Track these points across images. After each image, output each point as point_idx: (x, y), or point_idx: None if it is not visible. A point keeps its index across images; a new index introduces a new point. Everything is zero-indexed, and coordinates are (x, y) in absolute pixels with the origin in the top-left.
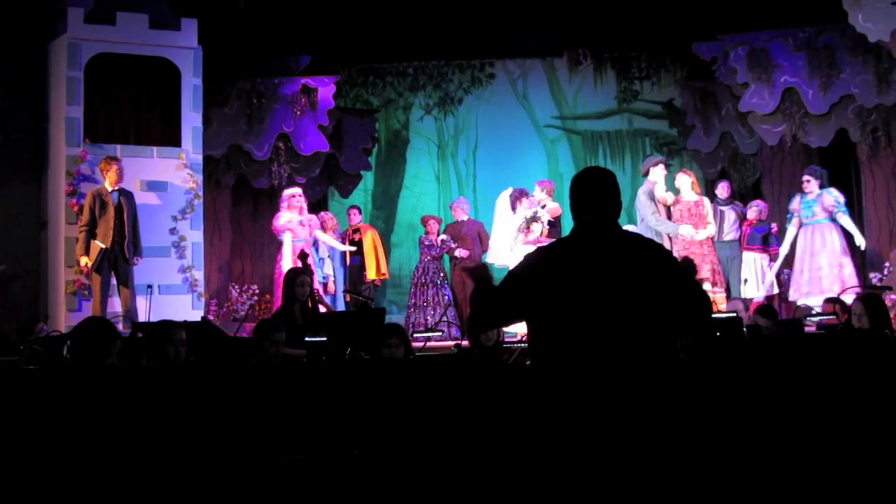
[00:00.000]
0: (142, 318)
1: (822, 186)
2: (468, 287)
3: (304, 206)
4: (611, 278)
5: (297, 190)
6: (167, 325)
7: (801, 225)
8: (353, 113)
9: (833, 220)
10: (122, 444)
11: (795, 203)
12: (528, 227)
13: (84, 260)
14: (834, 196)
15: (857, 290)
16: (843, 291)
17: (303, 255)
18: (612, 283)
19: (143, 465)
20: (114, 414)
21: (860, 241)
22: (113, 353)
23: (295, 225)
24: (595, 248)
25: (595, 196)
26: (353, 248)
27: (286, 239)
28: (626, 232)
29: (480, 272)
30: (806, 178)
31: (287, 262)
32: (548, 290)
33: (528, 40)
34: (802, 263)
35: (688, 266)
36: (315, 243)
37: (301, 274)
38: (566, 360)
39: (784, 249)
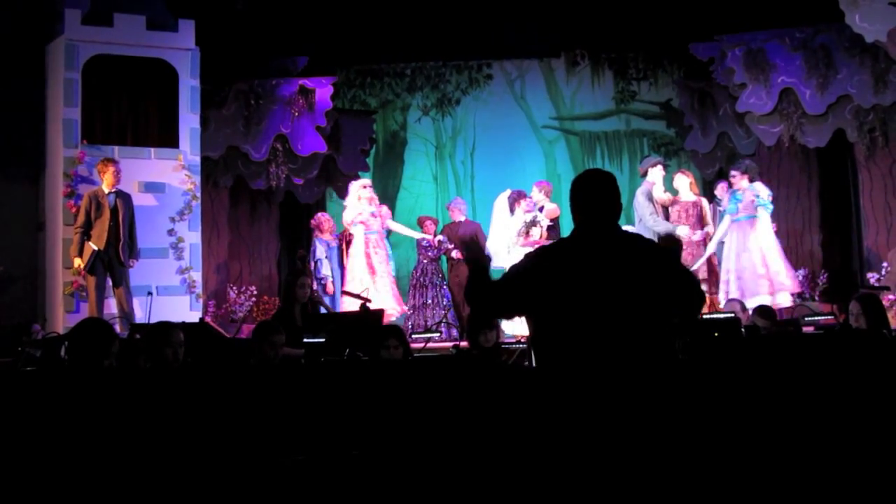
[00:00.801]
0: (141, 320)
1: (752, 181)
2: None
3: (375, 196)
4: (610, 278)
5: (367, 181)
6: (165, 327)
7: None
8: (351, 114)
9: (756, 216)
10: (121, 447)
11: (725, 199)
12: (527, 232)
13: (77, 261)
14: (755, 191)
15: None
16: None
17: (301, 257)
18: (611, 283)
19: (142, 468)
20: (112, 416)
21: (771, 239)
22: (111, 354)
23: (367, 217)
24: (595, 248)
25: (595, 198)
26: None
27: (357, 232)
28: (626, 232)
29: (478, 257)
30: (733, 173)
31: (359, 258)
32: (548, 289)
33: (525, 41)
34: (728, 263)
35: (672, 245)
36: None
37: (301, 275)
38: (567, 360)
39: (711, 248)
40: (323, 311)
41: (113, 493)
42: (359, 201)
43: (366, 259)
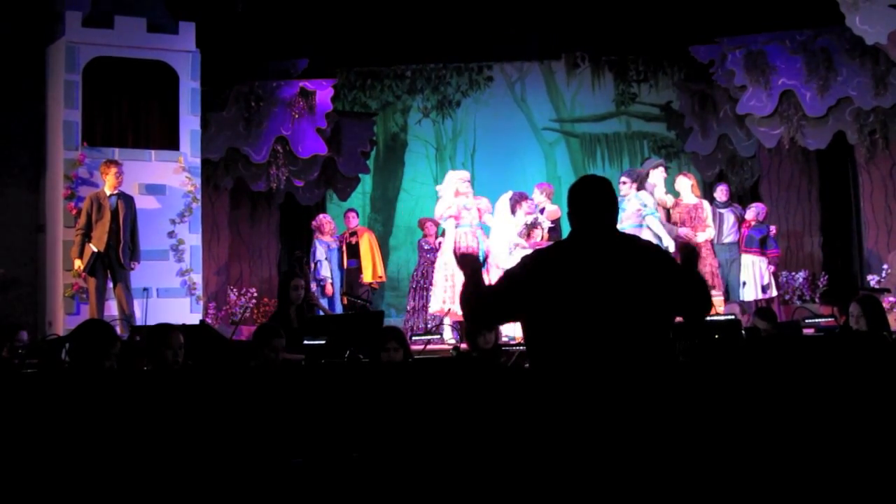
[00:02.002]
0: (139, 321)
1: (640, 188)
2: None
3: (471, 189)
4: (607, 280)
5: (465, 173)
6: (165, 329)
7: None
8: (351, 116)
9: (642, 225)
10: (121, 448)
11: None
12: (528, 234)
13: (77, 263)
14: (641, 200)
15: None
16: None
17: (298, 259)
18: (608, 285)
19: (142, 469)
20: (112, 417)
21: (666, 243)
22: (112, 355)
23: (458, 210)
24: (592, 250)
25: (591, 203)
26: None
27: (448, 227)
28: (624, 234)
29: (472, 262)
30: (622, 179)
31: (447, 253)
32: (544, 292)
33: (525, 43)
34: None
35: (689, 254)
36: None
37: (295, 277)
38: (563, 362)
39: None
40: (319, 312)
41: (114, 493)
42: (456, 196)
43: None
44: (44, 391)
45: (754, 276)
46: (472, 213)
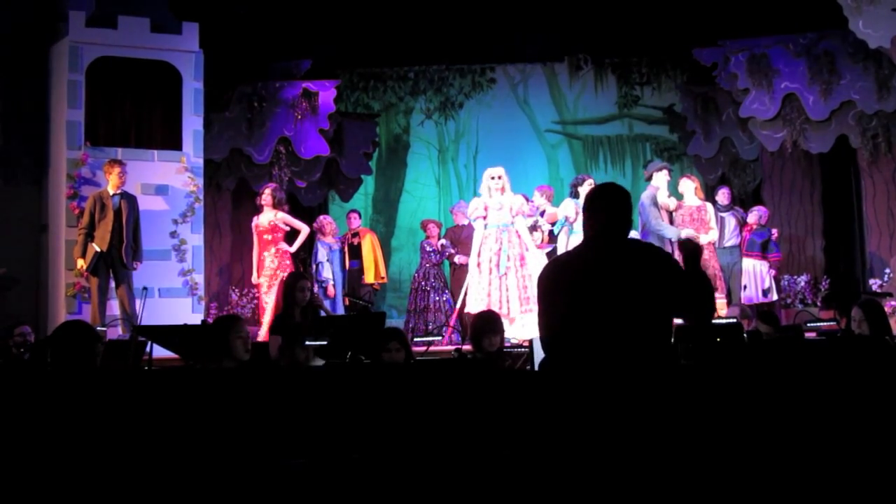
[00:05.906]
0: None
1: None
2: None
3: (507, 186)
4: (611, 286)
5: (497, 169)
6: (232, 319)
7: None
8: (354, 117)
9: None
10: (118, 450)
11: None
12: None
13: (80, 262)
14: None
15: None
16: None
17: (302, 260)
18: (611, 291)
19: (141, 472)
20: (108, 418)
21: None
22: (95, 356)
23: (486, 209)
24: (597, 258)
25: (605, 210)
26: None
27: (477, 227)
28: (634, 242)
29: (692, 248)
30: (572, 183)
31: (474, 254)
32: (561, 298)
33: (528, 45)
34: None
35: (692, 251)
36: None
37: (301, 278)
38: (570, 365)
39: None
40: (323, 314)
41: (114, 495)
42: (490, 196)
43: (476, 257)
44: (26, 391)
45: (755, 280)
46: (503, 212)
